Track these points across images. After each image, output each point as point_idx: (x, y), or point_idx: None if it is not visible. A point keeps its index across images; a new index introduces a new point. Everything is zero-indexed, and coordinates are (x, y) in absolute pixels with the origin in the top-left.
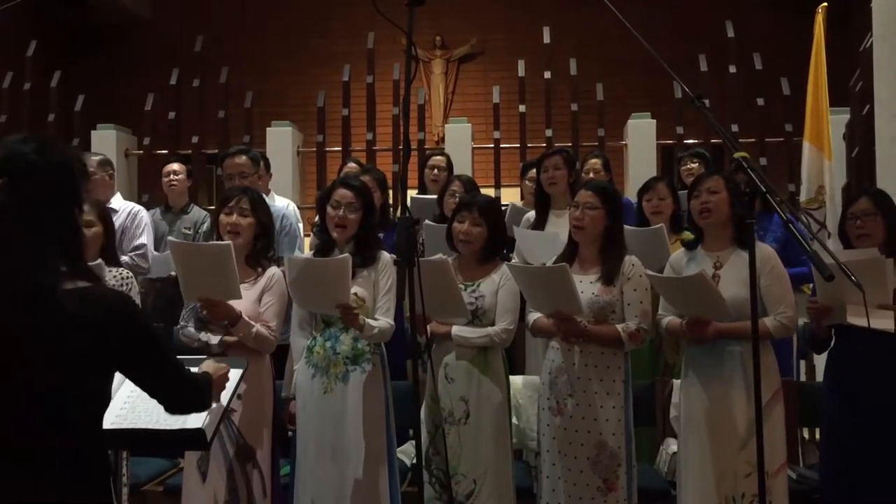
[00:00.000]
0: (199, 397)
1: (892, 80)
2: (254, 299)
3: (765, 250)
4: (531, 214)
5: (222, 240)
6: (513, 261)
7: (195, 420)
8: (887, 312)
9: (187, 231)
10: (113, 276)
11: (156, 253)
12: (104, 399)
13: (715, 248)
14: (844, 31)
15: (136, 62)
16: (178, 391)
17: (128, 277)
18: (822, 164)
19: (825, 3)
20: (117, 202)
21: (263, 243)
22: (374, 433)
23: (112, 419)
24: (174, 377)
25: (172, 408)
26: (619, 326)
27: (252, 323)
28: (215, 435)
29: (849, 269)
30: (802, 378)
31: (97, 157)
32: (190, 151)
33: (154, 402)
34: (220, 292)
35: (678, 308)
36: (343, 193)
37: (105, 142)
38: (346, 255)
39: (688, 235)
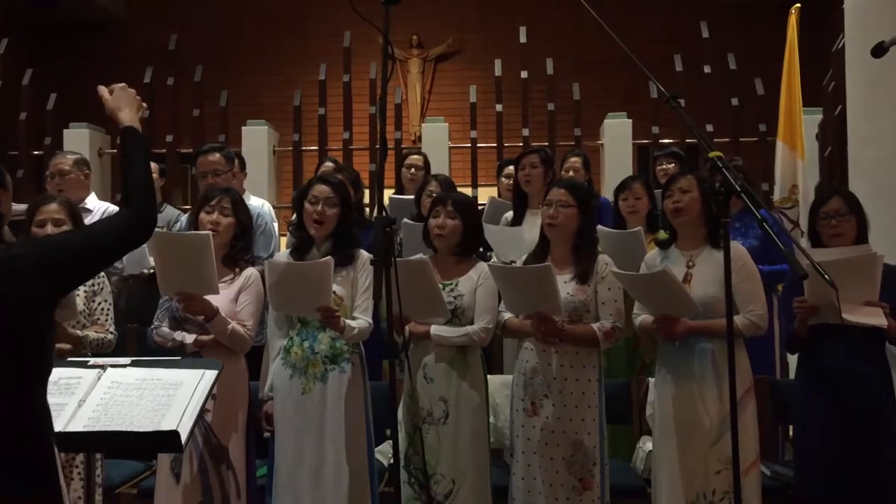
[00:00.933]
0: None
1: (864, 81)
2: (230, 298)
3: (737, 249)
4: (510, 214)
5: None
6: (492, 260)
7: (170, 422)
8: (876, 309)
9: (160, 229)
10: None
11: None
12: (39, 372)
13: (688, 247)
14: (817, 33)
15: (109, 60)
16: (130, 229)
17: (98, 276)
18: (796, 163)
19: (798, 5)
20: (92, 202)
21: (242, 244)
22: (353, 434)
23: (85, 421)
24: (115, 230)
25: (144, 229)
26: (595, 325)
27: (228, 320)
28: (190, 436)
29: (840, 266)
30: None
31: (73, 157)
32: (164, 150)
33: (127, 404)
34: (197, 286)
35: (646, 305)
36: (321, 189)
37: (78, 141)
38: (329, 258)
39: (662, 235)
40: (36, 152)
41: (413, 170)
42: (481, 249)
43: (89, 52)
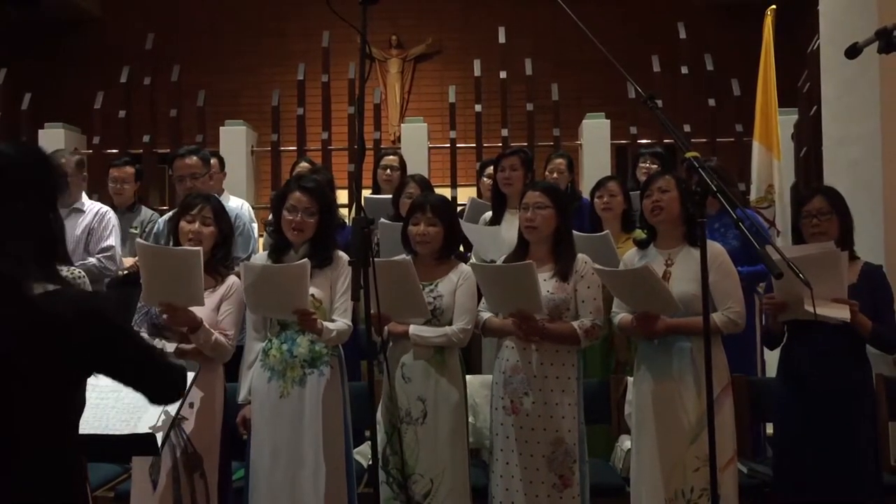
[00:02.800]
0: (179, 383)
1: (839, 82)
2: (213, 307)
3: (714, 248)
4: (488, 214)
5: (181, 246)
6: (471, 260)
7: (146, 424)
8: (842, 305)
9: (134, 230)
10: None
11: None
12: (74, 403)
13: (666, 246)
14: (793, 34)
15: (85, 59)
16: (161, 380)
17: (79, 277)
18: (772, 163)
19: (774, 6)
20: (87, 203)
21: (223, 252)
22: (332, 437)
23: None
24: (157, 368)
25: (157, 398)
26: (575, 323)
27: (212, 331)
28: (166, 441)
29: (804, 263)
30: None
31: (75, 158)
32: (141, 151)
33: (103, 407)
34: (183, 298)
35: (626, 302)
36: (299, 198)
37: (53, 141)
38: (305, 260)
39: (639, 234)
40: None
41: (389, 170)
42: (461, 249)
43: (65, 51)
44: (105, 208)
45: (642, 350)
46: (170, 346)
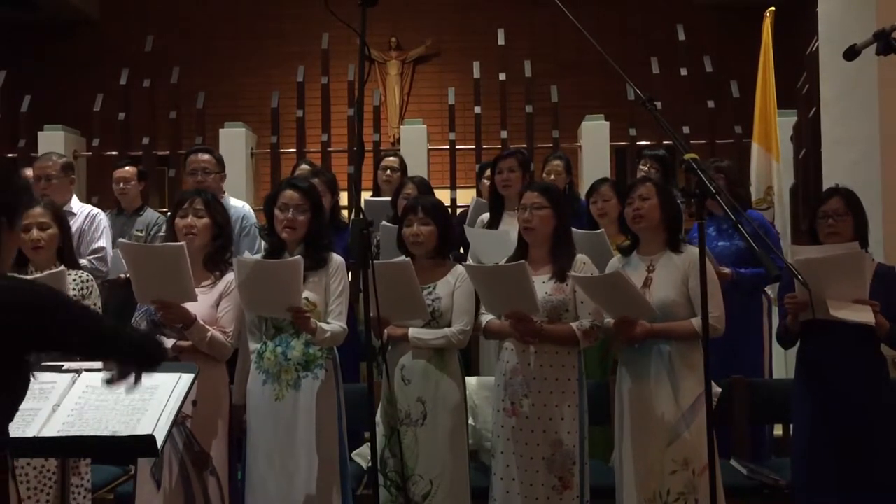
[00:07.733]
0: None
1: (838, 83)
2: (211, 304)
3: (694, 252)
4: (486, 215)
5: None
6: (468, 261)
7: (146, 426)
8: (865, 307)
9: (139, 233)
10: (72, 280)
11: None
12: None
13: (649, 252)
14: (791, 36)
15: (84, 62)
16: (121, 353)
17: (87, 281)
18: (771, 165)
19: (773, 8)
20: (76, 205)
21: (221, 242)
22: (326, 440)
23: (59, 426)
24: (110, 341)
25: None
26: (574, 325)
27: (207, 327)
28: (166, 440)
29: (827, 264)
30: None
31: (61, 161)
32: (141, 153)
33: (103, 408)
34: (174, 294)
35: (604, 308)
36: (290, 195)
37: (53, 143)
38: (298, 257)
39: (622, 241)
40: (10, 155)
41: (389, 171)
42: (461, 251)
43: (64, 53)
44: (95, 210)
45: (624, 353)
46: (167, 343)
